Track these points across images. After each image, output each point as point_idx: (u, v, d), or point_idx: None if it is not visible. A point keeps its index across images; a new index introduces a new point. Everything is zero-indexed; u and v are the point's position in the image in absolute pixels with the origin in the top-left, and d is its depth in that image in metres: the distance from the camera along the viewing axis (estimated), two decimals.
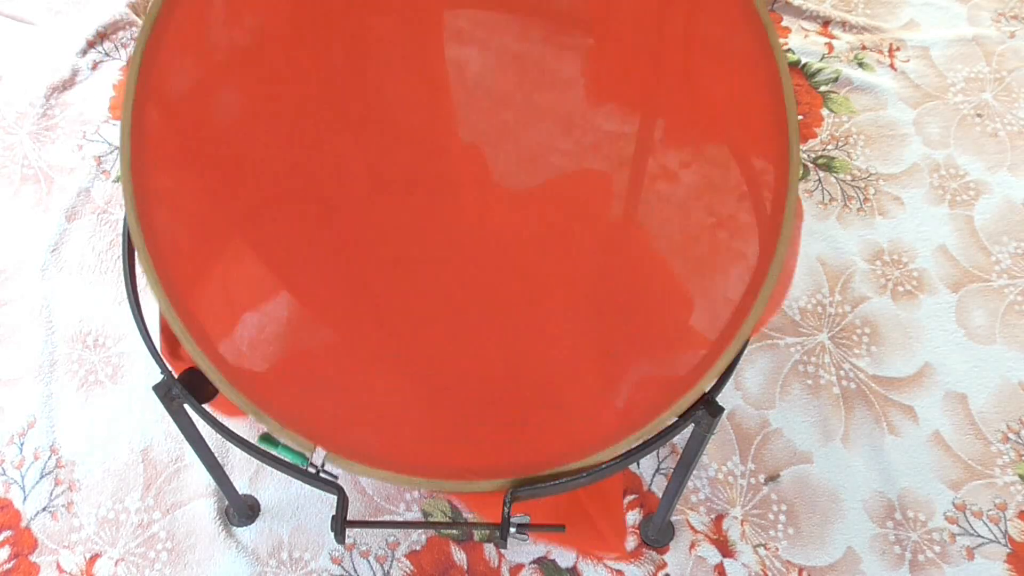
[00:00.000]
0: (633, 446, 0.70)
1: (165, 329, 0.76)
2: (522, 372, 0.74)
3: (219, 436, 0.77)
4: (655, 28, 0.76)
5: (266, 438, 0.71)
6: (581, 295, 0.77)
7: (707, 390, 0.73)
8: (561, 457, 0.69)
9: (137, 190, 0.70)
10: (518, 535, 0.68)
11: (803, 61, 1.50)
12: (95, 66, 1.49)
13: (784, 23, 1.57)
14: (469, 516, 1.10)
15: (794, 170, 0.72)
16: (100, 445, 1.15)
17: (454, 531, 1.08)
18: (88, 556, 1.08)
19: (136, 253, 0.71)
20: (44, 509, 1.11)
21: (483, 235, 0.79)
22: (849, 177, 1.39)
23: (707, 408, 0.71)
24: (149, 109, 0.71)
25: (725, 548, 1.09)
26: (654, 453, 1.14)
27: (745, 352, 0.75)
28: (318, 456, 0.70)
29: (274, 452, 0.71)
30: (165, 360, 0.76)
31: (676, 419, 0.73)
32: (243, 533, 1.09)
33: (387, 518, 1.10)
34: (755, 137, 0.73)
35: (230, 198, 0.74)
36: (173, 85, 0.72)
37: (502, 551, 1.08)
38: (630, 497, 1.12)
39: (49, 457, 1.14)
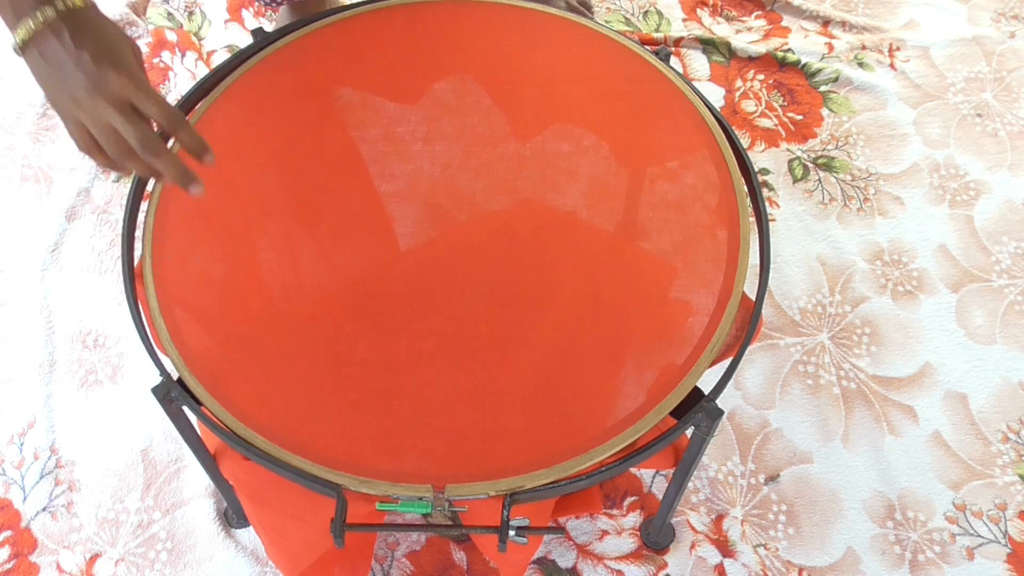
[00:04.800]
0: (628, 442, 0.70)
1: None
2: (520, 377, 0.74)
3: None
4: None
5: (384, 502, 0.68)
6: (580, 300, 0.77)
7: (707, 391, 0.73)
8: (560, 455, 0.70)
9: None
10: (517, 538, 0.68)
11: (803, 61, 1.50)
12: None
13: (784, 23, 1.56)
14: None
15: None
16: (100, 445, 1.15)
17: (453, 532, 1.08)
18: (88, 556, 1.08)
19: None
20: (44, 509, 1.11)
21: (476, 250, 0.80)
22: (849, 177, 1.39)
23: (707, 411, 0.71)
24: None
25: (725, 548, 1.09)
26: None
27: (745, 352, 0.75)
28: (436, 495, 0.68)
29: (397, 510, 0.69)
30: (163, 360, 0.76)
31: (676, 422, 0.73)
32: (242, 533, 1.09)
33: (387, 519, 1.10)
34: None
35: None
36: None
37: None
38: (631, 499, 1.12)
39: (49, 457, 1.14)
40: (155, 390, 0.72)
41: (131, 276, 0.77)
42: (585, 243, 0.80)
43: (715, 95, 1.47)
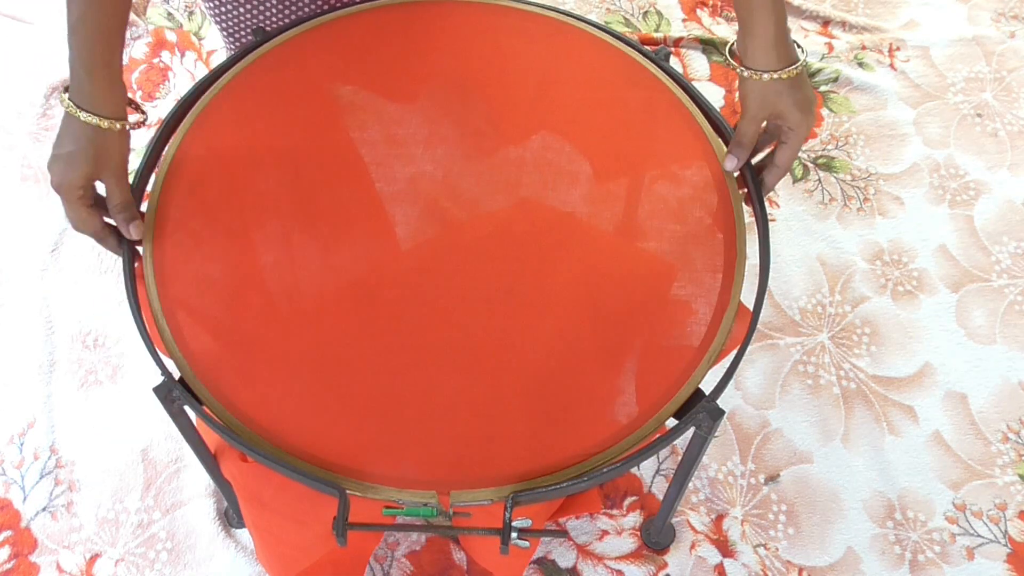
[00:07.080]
0: (633, 447, 0.70)
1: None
2: (522, 381, 0.74)
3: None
4: None
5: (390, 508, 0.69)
6: (580, 303, 0.77)
7: (707, 391, 0.73)
8: (563, 462, 0.70)
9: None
10: (519, 541, 0.68)
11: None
12: None
13: None
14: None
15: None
16: (100, 445, 1.15)
17: (454, 533, 1.08)
18: (88, 556, 1.08)
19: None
20: (44, 509, 1.11)
21: (475, 254, 0.80)
22: (849, 177, 1.39)
23: (708, 411, 0.71)
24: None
25: (725, 548, 1.09)
26: (654, 455, 1.14)
27: (746, 352, 0.75)
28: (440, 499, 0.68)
29: (399, 516, 0.69)
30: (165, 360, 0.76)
31: (677, 422, 0.73)
32: (243, 533, 1.09)
33: None
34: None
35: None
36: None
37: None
38: (631, 499, 1.12)
39: (49, 457, 1.14)
40: (156, 390, 0.71)
41: (132, 276, 0.77)
42: (585, 246, 0.80)
43: (715, 95, 1.47)
